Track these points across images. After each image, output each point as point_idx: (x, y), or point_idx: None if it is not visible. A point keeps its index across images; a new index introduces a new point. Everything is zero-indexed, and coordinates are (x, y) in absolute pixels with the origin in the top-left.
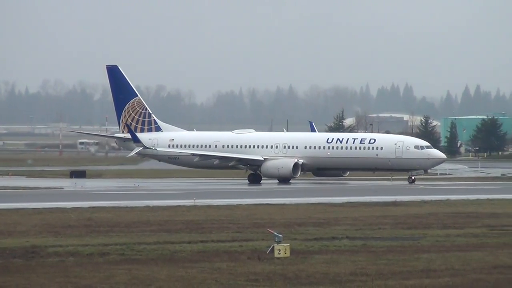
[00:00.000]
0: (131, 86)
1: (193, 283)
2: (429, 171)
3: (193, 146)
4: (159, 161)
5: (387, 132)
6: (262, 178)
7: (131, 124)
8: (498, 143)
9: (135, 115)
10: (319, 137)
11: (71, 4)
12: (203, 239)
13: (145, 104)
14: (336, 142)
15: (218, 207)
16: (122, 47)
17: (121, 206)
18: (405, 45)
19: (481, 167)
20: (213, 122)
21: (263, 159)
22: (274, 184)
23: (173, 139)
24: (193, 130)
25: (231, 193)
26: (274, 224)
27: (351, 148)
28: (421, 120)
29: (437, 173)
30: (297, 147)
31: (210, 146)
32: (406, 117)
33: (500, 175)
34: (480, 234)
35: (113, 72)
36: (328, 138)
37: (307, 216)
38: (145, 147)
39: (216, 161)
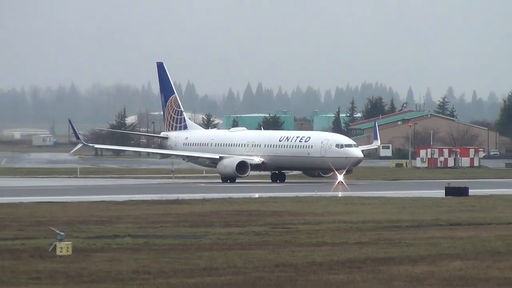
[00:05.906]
0: (171, 83)
1: None
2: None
3: (200, 144)
4: (184, 160)
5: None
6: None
7: (169, 122)
8: None
9: (172, 113)
10: (274, 136)
11: None
12: None
13: (180, 102)
14: (285, 141)
15: None
16: None
17: None
18: (185, 43)
19: None
20: None
21: (218, 157)
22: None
23: (187, 138)
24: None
25: (13, 191)
26: (56, 222)
27: (292, 147)
28: (203, 118)
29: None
30: (259, 146)
31: (207, 144)
32: (188, 115)
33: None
34: (262, 232)
35: (160, 69)
36: (280, 137)
37: (89, 214)
38: (84, 145)
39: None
